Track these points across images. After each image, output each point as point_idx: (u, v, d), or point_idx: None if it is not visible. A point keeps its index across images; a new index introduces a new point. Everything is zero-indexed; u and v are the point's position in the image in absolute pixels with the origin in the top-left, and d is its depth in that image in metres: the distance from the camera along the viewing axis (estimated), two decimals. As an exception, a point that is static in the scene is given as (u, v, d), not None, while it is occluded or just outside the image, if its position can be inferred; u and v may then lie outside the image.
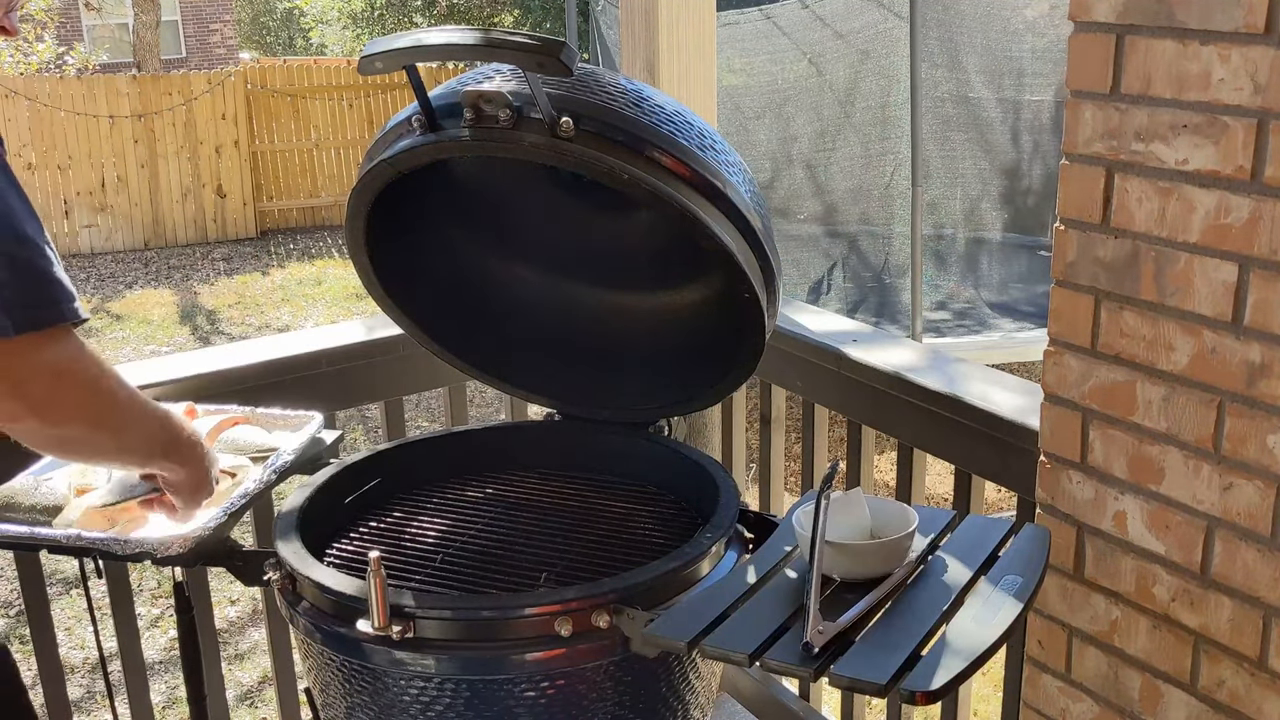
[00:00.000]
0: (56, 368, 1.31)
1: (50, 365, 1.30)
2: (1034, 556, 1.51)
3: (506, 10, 15.31)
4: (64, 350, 1.31)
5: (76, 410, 1.37)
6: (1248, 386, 1.50)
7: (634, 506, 1.97)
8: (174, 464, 1.59)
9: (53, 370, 1.31)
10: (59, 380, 1.32)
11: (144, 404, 1.49)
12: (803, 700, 2.68)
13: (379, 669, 1.55)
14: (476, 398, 6.65)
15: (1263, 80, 1.41)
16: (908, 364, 2.21)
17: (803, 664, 1.31)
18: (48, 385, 1.31)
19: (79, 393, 1.36)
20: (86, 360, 1.36)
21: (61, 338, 1.30)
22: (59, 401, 1.33)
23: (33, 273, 1.25)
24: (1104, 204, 1.62)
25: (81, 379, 1.35)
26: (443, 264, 2.08)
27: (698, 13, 2.60)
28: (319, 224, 13.23)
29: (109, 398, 1.40)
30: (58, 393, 1.33)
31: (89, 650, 4.72)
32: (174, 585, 1.89)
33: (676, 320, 2.07)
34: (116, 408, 1.42)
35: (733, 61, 7.90)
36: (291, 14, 23.16)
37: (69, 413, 1.36)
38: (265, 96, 12.78)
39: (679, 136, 1.66)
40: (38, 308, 1.26)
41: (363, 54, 1.59)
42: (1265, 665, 1.55)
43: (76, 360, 1.34)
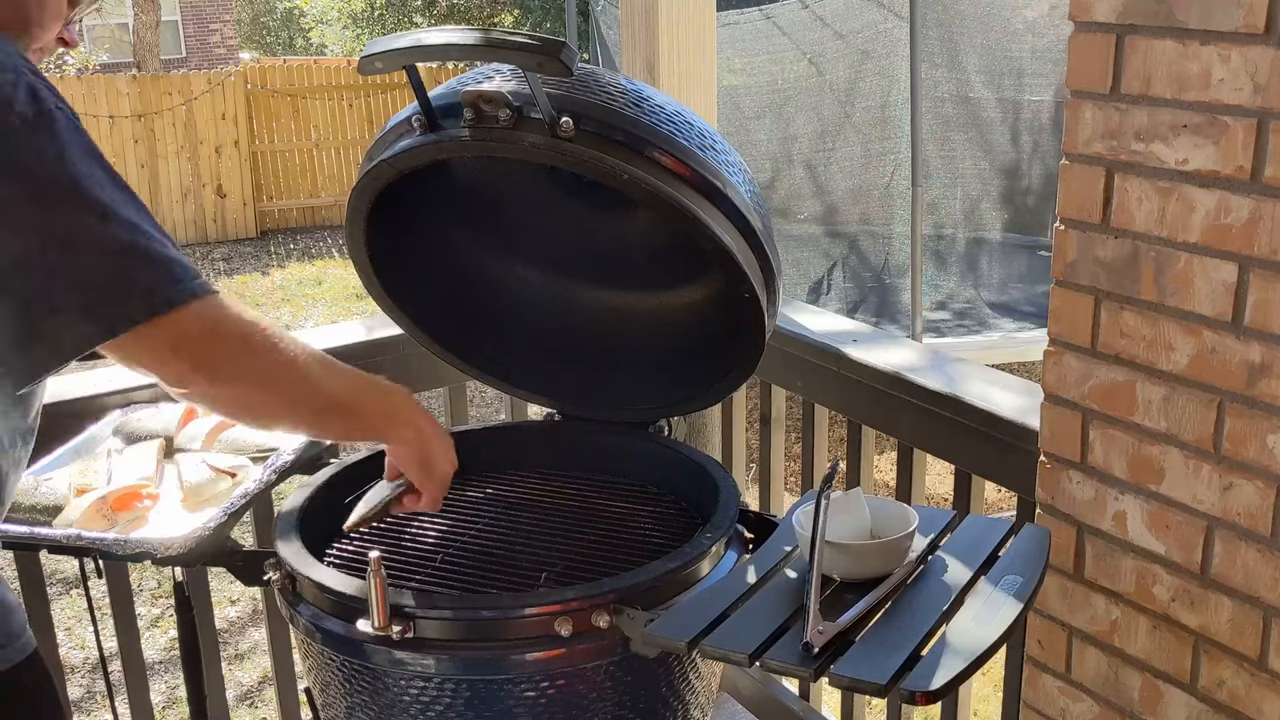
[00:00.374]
0: (209, 329, 1.30)
1: (202, 327, 1.30)
2: (1034, 556, 1.51)
3: (506, 10, 15.31)
4: (211, 313, 1.30)
5: (239, 369, 1.35)
6: (1248, 386, 1.50)
7: (634, 506, 1.97)
8: (380, 433, 1.54)
9: (206, 331, 1.30)
10: (215, 339, 1.31)
11: (325, 363, 1.45)
12: (803, 700, 2.68)
13: (379, 669, 1.55)
14: (476, 398, 6.65)
15: (1263, 80, 1.41)
16: (908, 364, 2.21)
17: (803, 664, 1.31)
18: (205, 345, 1.30)
19: (238, 350, 1.34)
20: (238, 320, 1.35)
21: (203, 307, 1.29)
22: (219, 360, 1.32)
23: (151, 256, 1.24)
24: (1104, 204, 1.62)
25: (237, 336, 1.34)
26: (443, 264, 2.08)
27: (698, 13, 2.60)
28: (319, 224, 13.23)
29: (271, 354, 1.38)
30: (215, 351, 1.31)
31: (89, 650, 4.72)
32: (174, 585, 1.89)
33: (677, 320, 2.07)
34: (281, 364, 1.39)
35: (733, 61, 7.90)
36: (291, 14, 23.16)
37: (232, 371, 1.34)
38: (265, 96, 12.78)
39: (679, 136, 1.66)
40: (162, 289, 1.24)
41: (363, 54, 1.59)
42: (1265, 665, 1.55)
43: (225, 320, 1.33)
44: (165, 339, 1.27)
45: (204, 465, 1.84)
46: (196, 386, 1.33)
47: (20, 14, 1.34)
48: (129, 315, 1.23)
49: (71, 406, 2.03)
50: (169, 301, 1.25)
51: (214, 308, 1.30)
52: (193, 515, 1.74)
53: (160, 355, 1.29)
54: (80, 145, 1.23)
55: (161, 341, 1.27)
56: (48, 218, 1.19)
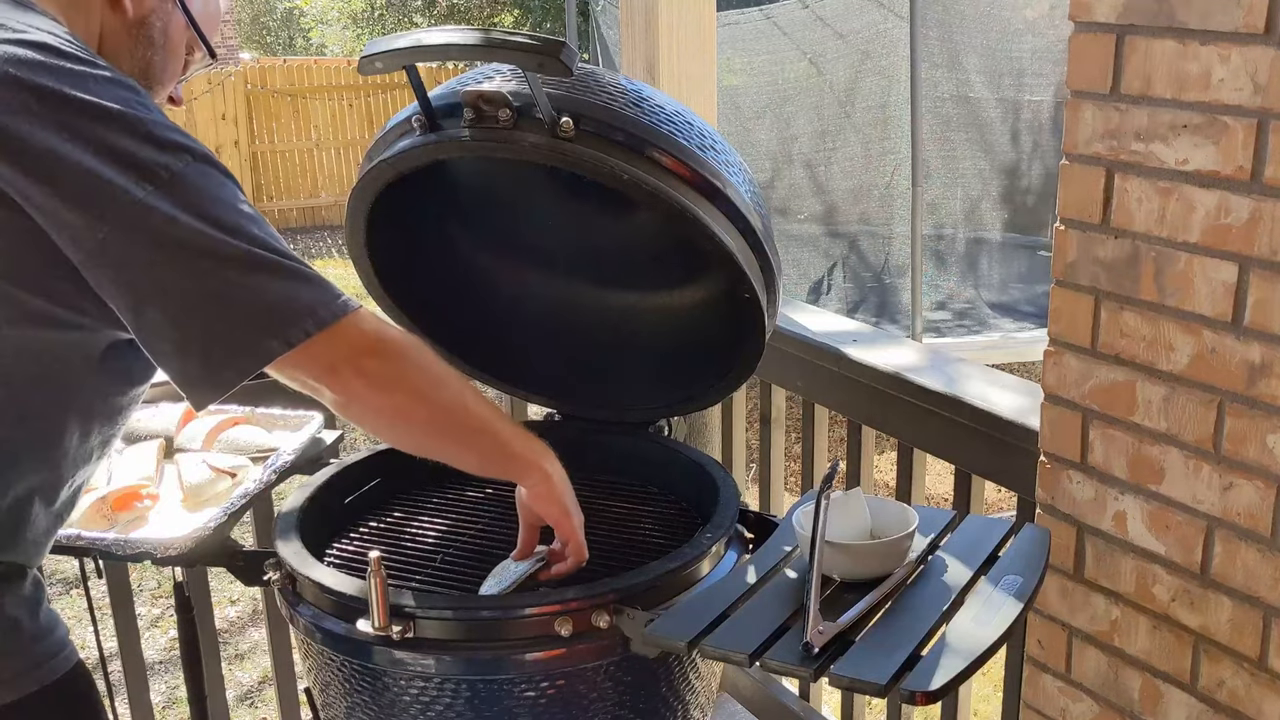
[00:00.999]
0: (372, 342, 1.37)
1: (363, 340, 1.36)
2: (1034, 556, 1.51)
3: (506, 10, 15.31)
4: (370, 326, 1.37)
5: (402, 378, 1.40)
6: (1248, 386, 1.50)
7: (634, 506, 1.97)
8: (520, 468, 1.57)
9: (368, 345, 1.36)
10: (378, 351, 1.37)
11: (474, 388, 1.52)
12: (803, 700, 2.68)
13: (379, 669, 1.55)
14: (476, 398, 6.64)
15: (1263, 80, 1.41)
16: (908, 364, 2.21)
17: (803, 664, 1.31)
18: (370, 356, 1.36)
19: (399, 360, 1.40)
20: (396, 332, 1.43)
21: (358, 320, 1.34)
22: (383, 370, 1.38)
23: (301, 277, 1.31)
24: (1104, 204, 1.62)
25: (397, 348, 1.41)
26: (443, 264, 2.08)
27: (698, 13, 2.60)
28: (319, 224, 13.22)
29: (432, 367, 1.44)
30: (379, 362, 1.37)
31: (89, 650, 4.71)
32: (174, 585, 1.89)
33: (676, 320, 2.07)
34: (439, 378, 1.45)
35: (733, 61, 7.90)
36: (291, 14, 23.15)
37: (396, 379, 1.40)
38: (265, 96, 12.78)
39: (679, 136, 1.66)
40: (323, 306, 1.31)
41: (363, 54, 1.59)
42: (1265, 665, 1.55)
43: (384, 332, 1.40)
44: (331, 353, 1.32)
45: (204, 465, 1.84)
46: (363, 398, 1.38)
47: (147, 71, 1.43)
48: (302, 331, 1.28)
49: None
50: (334, 315, 1.31)
51: (370, 321, 1.37)
52: (193, 515, 1.75)
53: (330, 368, 1.34)
54: (229, 179, 1.31)
55: (328, 356, 1.33)
56: (220, 248, 1.25)
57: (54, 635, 1.39)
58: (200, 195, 1.25)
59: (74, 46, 1.27)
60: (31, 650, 1.35)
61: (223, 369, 1.28)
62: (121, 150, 1.21)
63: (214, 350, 1.27)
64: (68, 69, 1.23)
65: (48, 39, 1.25)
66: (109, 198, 1.20)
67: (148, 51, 1.42)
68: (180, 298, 1.25)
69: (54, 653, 1.38)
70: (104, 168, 1.20)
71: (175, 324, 1.26)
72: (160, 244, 1.22)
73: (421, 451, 1.54)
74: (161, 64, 1.44)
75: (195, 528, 1.66)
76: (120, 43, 1.40)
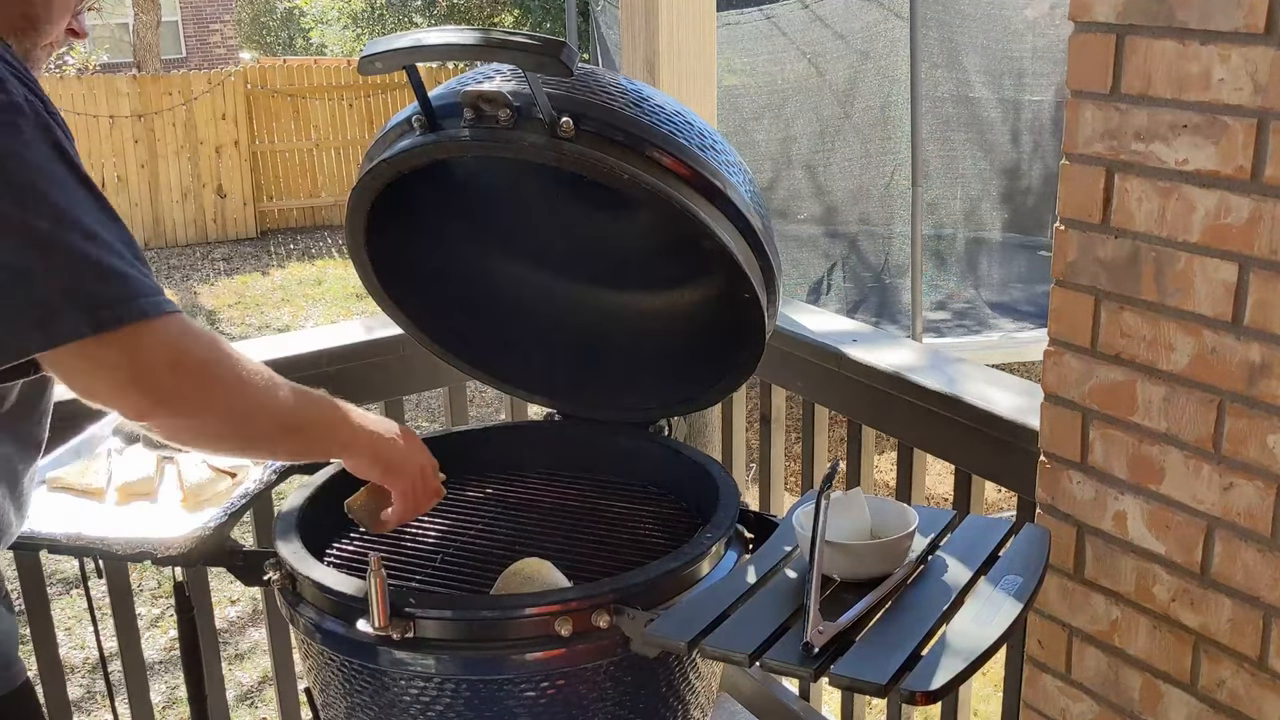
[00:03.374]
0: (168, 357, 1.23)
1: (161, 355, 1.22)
2: (1034, 556, 1.51)
3: (506, 10, 15.30)
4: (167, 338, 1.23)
5: (200, 401, 1.28)
6: (1248, 386, 1.50)
7: (634, 506, 1.97)
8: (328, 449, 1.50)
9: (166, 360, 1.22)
10: (175, 369, 1.23)
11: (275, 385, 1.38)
12: (803, 700, 2.68)
13: (379, 669, 1.55)
14: (476, 398, 6.65)
15: (1263, 80, 1.41)
16: (908, 364, 2.21)
17: (803, 664, 1.31)
18: (165, 375, 1.23)
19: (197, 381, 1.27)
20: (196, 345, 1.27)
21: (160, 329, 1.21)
22: (182, 392, 1.25)
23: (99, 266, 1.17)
24: (1104, 204, 1.62)
25: (196, 365, 1.26)
26: (443, 264, 2.08)
27: (698, 13, 2.60)
28: (319, 224, 13.22)
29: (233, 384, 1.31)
30: (177, 382, 1.24)
31: (89, 650, 4.72)
32: (174, 585, 1.89)
33: (676, 320, 2.07)
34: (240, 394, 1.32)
35: (733, 61, 7.90)
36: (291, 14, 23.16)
37: (196, 403, 1.28)
38: (265, 96, 12.77)
39: (679, 136, 1.66)
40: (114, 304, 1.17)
41: (363, 54, 1.59)
42: (1265, 665, 1.55)
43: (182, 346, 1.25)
44: (115, 359, 1.19)
45: (204, 465, 1.84)
46: (156, 418, 1.26)
47: (28, 12, 1.31)
48: (74, 328, 1.15)
49: (71, 407, 2.03)
50: (118, 318, 1.17)
51: (169, 331, 1.23)
52: (193, 515, 1.74)
53: (114, 379, 1.21)
54: (48, 142, 1.17)
55: (112, 362, 1.19)
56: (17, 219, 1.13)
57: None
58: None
59: None
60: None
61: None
62: None
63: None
64: None
65: None
66: None
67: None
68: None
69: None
70: None
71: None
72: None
73: (234, 457, 1.51)
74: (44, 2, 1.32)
75: (195, 528, 1.66)
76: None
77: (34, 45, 1.33)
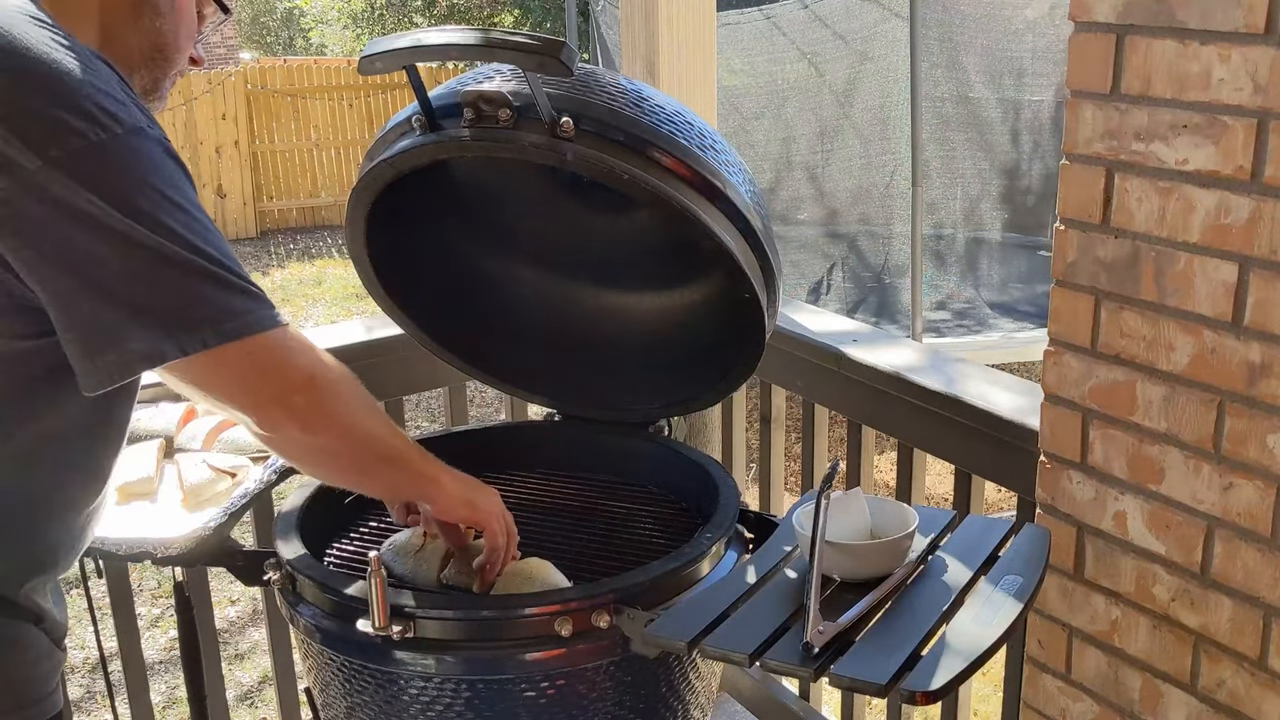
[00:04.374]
0: (302, 370, 1.30)
1: (293, 367, 1.29)
2: (1034, 556, 1.51)
3: (506, 10, 15.30)
4: (299, 351, 1.30)
5: (329, 419, 1.34)
6: (1248, 386, 1.50)
7: (634, 506, 1.97)
8: (423, 489, 1.55)
9: (298, 374, 1.30)
10: (309, 385, 1.31)
11: (384, 423, 1.46)
12: (803, 700, 2.68)
13: (379, 669, 1.55)
14: (476, 398, 6.65)
15: (1263, 80, 1.41)
16: (908, 364, 2.21)
17: (803, 664, 1.31)
18: (302, 390, 1.30)
19: (329, 398, 1.34)
20: (324, 366, 1.34)
21: (277, 345, 1.27)
22: (314, 407, 1.32)
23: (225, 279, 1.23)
24: (1104, 204, 1.62)
25: (329, 384, 1.34)
26: (443, 264, 2.08)
27: (698, 13, 2.60)
28: (319, 224, 13.22)
29: (358, 407, 1.39)
30: (310, 397, 1.31)
31: (89, 650, 4.72)
32: (174, 585, 1.89)
33: (676, 320, 2.07)
34: (366, 417, 1.40)
35: (733, 61, 7.89)
36: (291, 14, 23.16)
37: (323, 421, 1.34)
38: (265, 96, 12.77)
39: (679, 136, 1.66)
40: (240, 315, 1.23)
41: (363, 54, 1.59)
42: (1265, 665, 1.55)
43: (317, 363, 1.32)
44: (249, 378, 1.26)
45: (204, 465, 1.83)
46: (289, 436, 1.33)
47: (159, 42, 1.37)
48: (200, 339, 1.21)
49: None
50: (240, 330, 1.23)
51: (299, 350, 1.30)
52: (193, 515, 1.74)
53: (252, 398, 1.28)
54: (171, 166, 1.22)
55: (238, 372, 1.25)
56: (130, 231, 1.17)
57: (33, 683, 1.35)
58: (115, 172, 1.17)
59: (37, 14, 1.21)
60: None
61: (103, 360, 1.19)
62: (30, 114, 1.14)
63: (95, 340, 1.19)
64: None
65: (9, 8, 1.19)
66: (6, 163, 1.13)
67: (155, 20, 1.36)
68: (70, 278, 1.17)
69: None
70: (8, 134, 1.13)
71: (61, 304, 1.18)
72: (56, 218, 1.15)
73: (336, 484, 1.54)
74: (174, 29, 1.38)
75: (195, 528, 1.66)
76: (122, 16, 1.34)
77: (164, 75, 1.38)
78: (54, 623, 1.40)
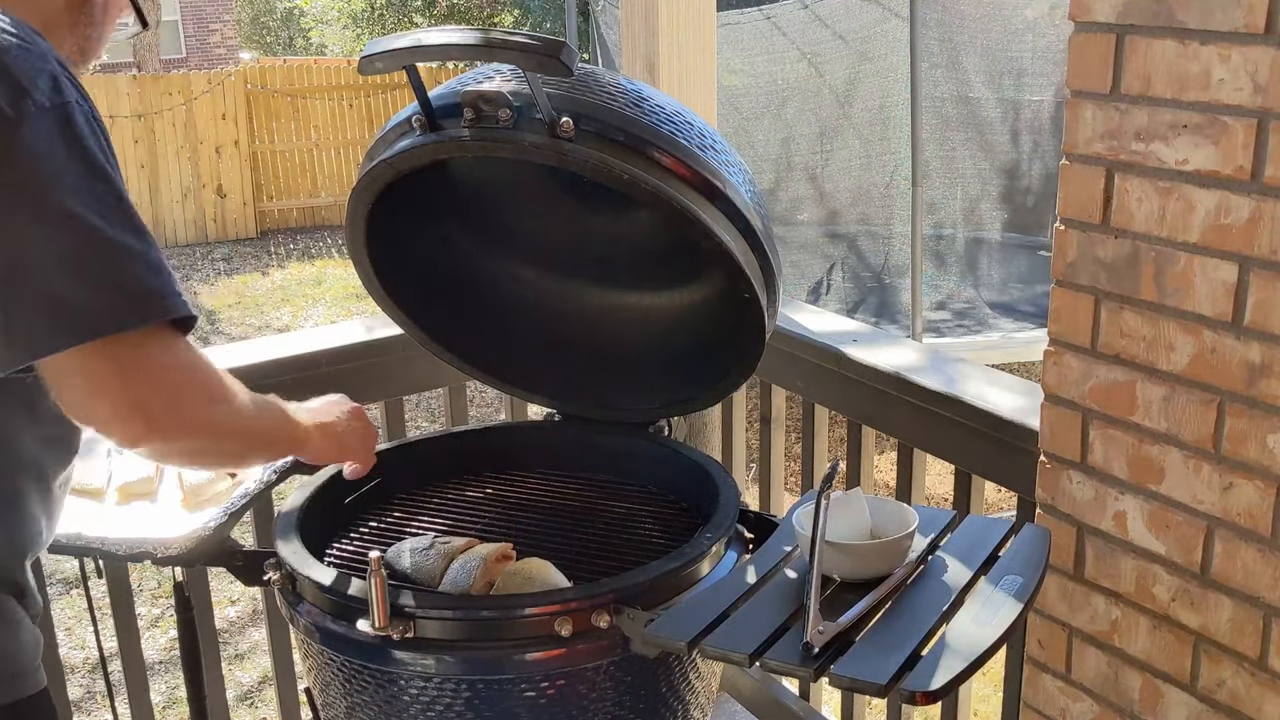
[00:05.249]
0: (171, 378, 1.21)
1: (163, 373, 1.21)
2: (1034, 556, 1.51)
3: (506, 10, 15.30)
4: (174, 355, 1.21)
5: (199, 424, 1.27)
6: (1248, 386, 1.50)
7: (634, 506, 1.97)
8: (290, 451, 1.57)
9: (169, 382, 1.21)
10: (177, 392, 1.22)
11: (261, 404, 1.41)
12: (803, 700, 2.68)
13: (379, 669, 1.55)
14: (476, 398, 6.65)
15: (1263, 80, 1.41)
16: (908, 364, 2.21)
17: (803, 664, 1.31)
18: (165, 398, 1.20)
19: (199, 404, 1.25)
20: (203, 368, 1.26)
21: (169, 339, 1.20)
22: (177, 415, 1.22)
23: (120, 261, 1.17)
24: (1104, 204, 1.62)
25: (201, 389, 1.26)
26: (443, 264, 2.08)
27: (698, 13, 2.60)
28: (319, 224, 13.22)
29: (230, 407, 1.31)
30: (177, 404, 1.22)
31: (89, 650, 4.72)
32: (174, 585, 1.89)
33: (676, 320, 2.07)
34: (238, 415, 1.33)
35: (733, 62, 7.90)
36: (291, 14, 23.17)
37: (191, 427, 1.26)
38: (265, 96, 12.77)
39: (679, 136, 1.66)
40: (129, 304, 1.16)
41: (363, 54, 1.59)
42: (1265, 665, 1.55)
43: (193, 368, 1.24)
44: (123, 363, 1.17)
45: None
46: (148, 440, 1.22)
47: (84, 53, 1.40)
48: (95, 327, 1.15)
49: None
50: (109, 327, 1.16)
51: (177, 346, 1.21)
52: (193, 515, 1.74)
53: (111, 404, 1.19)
54: (95, 145, 1.18)
55: (117, 367, 1.17)
56: (39, 209, 1.14)
57: (20, 656, 1.36)
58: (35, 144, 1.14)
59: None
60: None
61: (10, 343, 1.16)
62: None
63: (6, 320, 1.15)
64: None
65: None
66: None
67: (88, 29, 1.40)
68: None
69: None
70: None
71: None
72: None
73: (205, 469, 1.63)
74: (98, 38, 1.42)
75: (195, 528, 1.66)
76: (62, 21, 1.37)
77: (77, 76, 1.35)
78: (33, 598, 1.43)
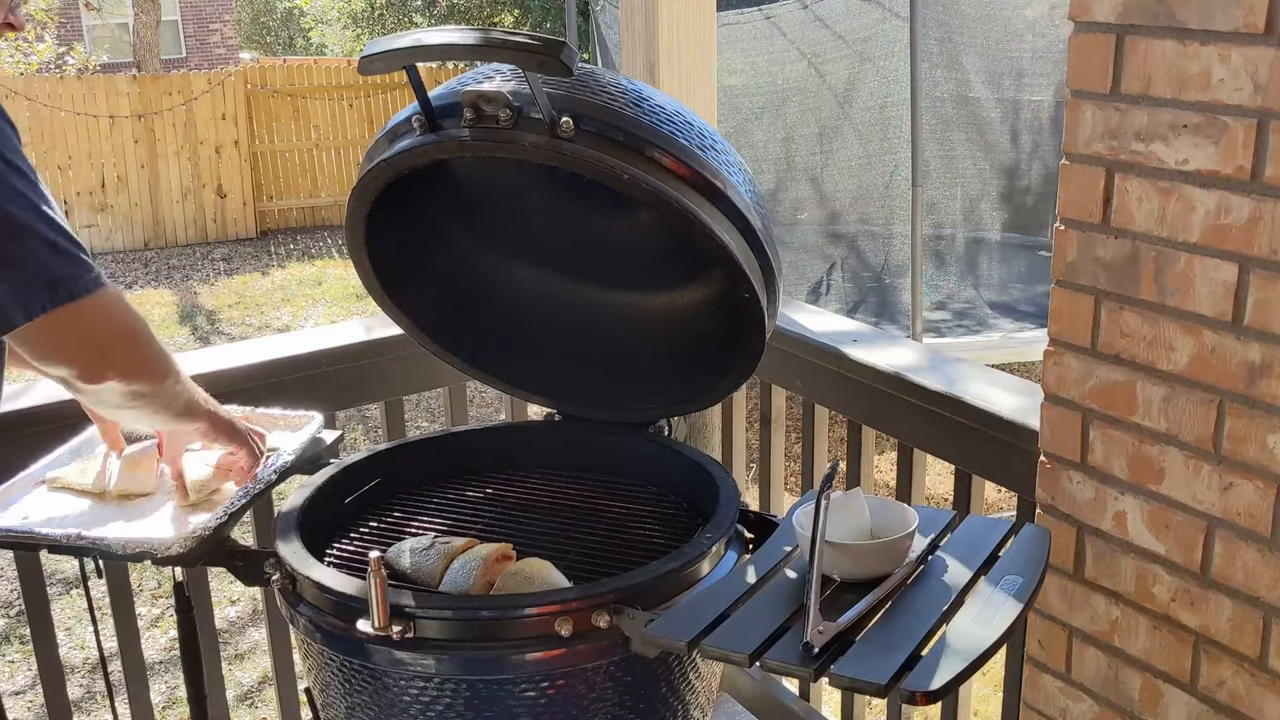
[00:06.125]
0: (122, 326, 1.45)
1: (116, 323, 1.44)
2: (1034, 556, 1.51)
3: (506, 10, 15.30)
4: (119, 308, 1.44)
5: (145, 364, 1.50)
6: (1248, 386, 1.50)
7: (634, 506, 1.97)
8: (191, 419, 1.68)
9: (119, 329, 1.45)
10: (123, 337, 1.46)
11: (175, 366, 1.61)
12: (803, 700, 2.68)
13: (379, 669, 1.55)
14: (476, 398, 6.65)
15: (1263, 80, 1.41)
16: (908, 364, 2.21)
17: (803, 664, 1.31)
18: (122, 343, 1.46)
19: (134, 343, 1.48)
20: (133, 316, 1.48)
21: (111, 300, 1.41)
22: (129, 356, 1.47)
23: (60, 246, 1.35)
24: (1104, 204, 1.62)
25: (134, 331, 1.48)
26: (443, 264, 2.08)
27: (698, 13, 2.60)
28: (319, 224, 13.23)
29: (159, 352, 1.54)
30: (128, 348, 1.47)
31: (89, 650, 4.72)
32: (174, 585, 1.89)
33: (676, 320, 2.07)
34: (166, 360, 1.55)
35: (733, 62, 7.90)
36: (291, 14, 23.17)
37: (140, 367, 1.49)
38: (265, 96, 12.77)
39: (679, 136, 1.66)
40: (75, 279, 1.36)
41: (363, 54, 1.59)
42: (1265, 665, 1.55)
43: (123, 316, 1.46)
44: (75, 329, 1.39)
45: (204, 465, 1.83)
46: (110, 383, 1.45)
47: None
48: (42, 302, 1.33)
49: (70, 407, 2.03)
50: (82, 291, 1.36)
51: (113, 303, 1.42)
52: (193, 515, 1.74)
53: (73, 343, 1.40)
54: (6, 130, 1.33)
55: (73, 332, 1.39)
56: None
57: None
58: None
59: None
60: None
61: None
62: None
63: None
64: None
65: None
66: None
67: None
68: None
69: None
70: None
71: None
72: None
73: (147, 425, 1.71)
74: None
75: (195, 528, 1.66)
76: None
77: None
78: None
